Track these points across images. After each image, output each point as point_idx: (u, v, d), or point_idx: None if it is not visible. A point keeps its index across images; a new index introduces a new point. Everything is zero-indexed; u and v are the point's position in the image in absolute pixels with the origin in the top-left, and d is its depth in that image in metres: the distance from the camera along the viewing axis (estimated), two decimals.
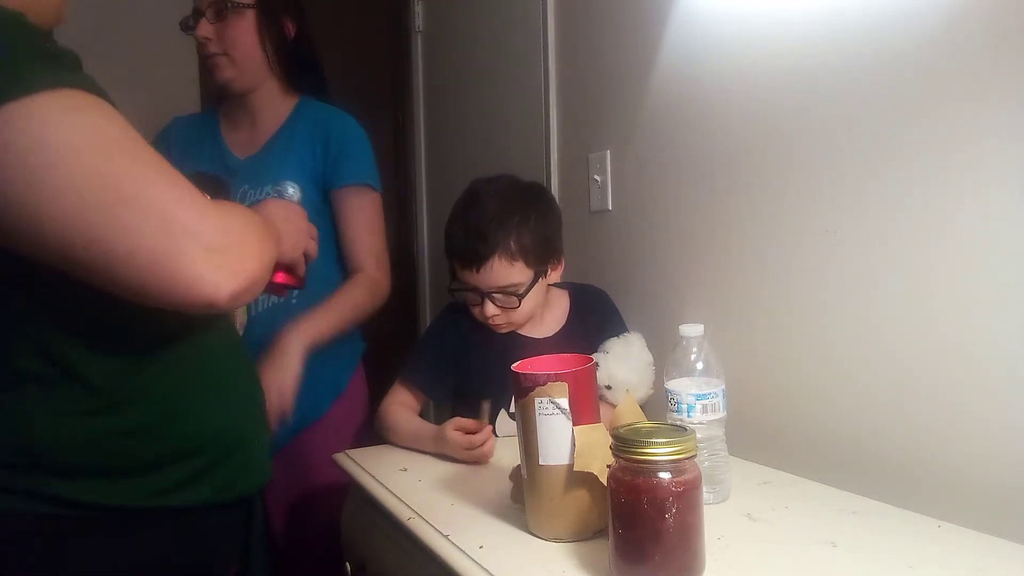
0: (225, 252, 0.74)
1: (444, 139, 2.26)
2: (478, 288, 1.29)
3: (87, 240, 0.70)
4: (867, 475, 1.02)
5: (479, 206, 1.29)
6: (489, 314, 1.29)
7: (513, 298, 1.28)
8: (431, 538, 0.92)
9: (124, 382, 0.82)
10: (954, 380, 0.93)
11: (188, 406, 0.86)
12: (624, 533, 0.75)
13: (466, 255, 1.28)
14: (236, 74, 1.44)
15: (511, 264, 1.27)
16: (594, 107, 1.56)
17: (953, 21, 0.91)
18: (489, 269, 1.26)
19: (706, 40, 1.26)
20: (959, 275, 0.92)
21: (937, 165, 0.93)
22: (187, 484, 0.85)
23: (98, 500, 0.80)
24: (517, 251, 1.27)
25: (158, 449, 0.84)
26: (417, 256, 2.39)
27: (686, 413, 0.99)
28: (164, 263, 0.71)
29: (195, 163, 1.45)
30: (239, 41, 1.41)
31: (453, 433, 1.20)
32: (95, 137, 0.71)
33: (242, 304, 0.81)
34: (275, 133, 1.49)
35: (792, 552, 0.84)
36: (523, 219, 1.29)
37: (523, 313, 1.31)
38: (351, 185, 1.48)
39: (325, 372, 1.47)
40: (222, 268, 0.74)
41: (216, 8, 1.39)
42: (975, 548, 0.82)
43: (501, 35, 1.90)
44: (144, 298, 0.74)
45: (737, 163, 1.21)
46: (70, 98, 0.71)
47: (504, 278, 1.27)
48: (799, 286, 1.12)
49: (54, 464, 0.79)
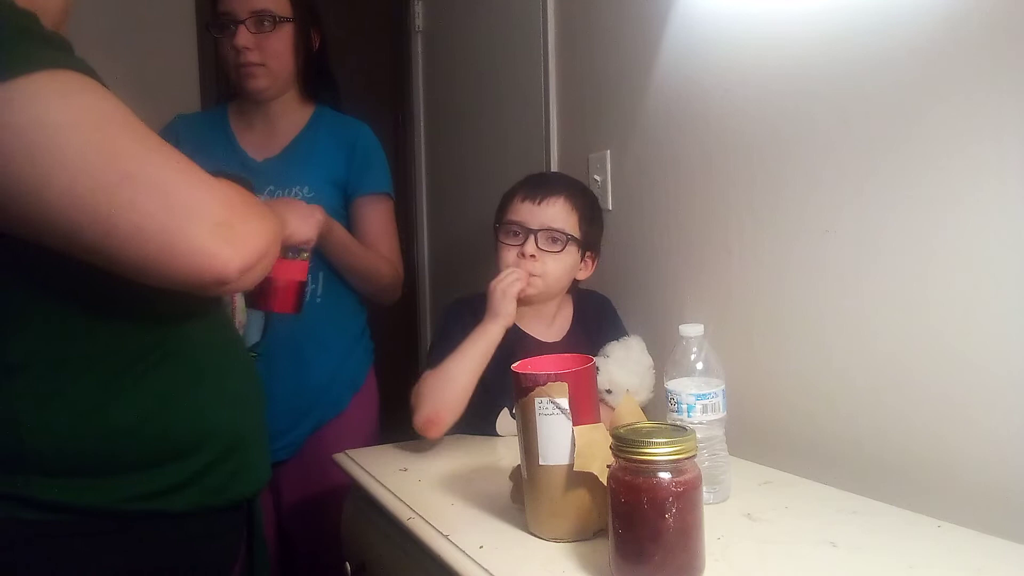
0: (230, 226, 0.73)
1: (444, 139, 2.26)
2: (527, 224, 1.30)
3: (91, 218, 0.69)
4: (867, 475, 1.02)
5: (556, 173, 1.41)
6: (528, 252, 1.29)
7: (558, 244, 1.30)
8: (431, 538, 0.92)
9: (110, 381, 0.80)
10: (954, 380, 0.93)
11: (177, 407, 0.84)
12: (624, 533, 0.75)
13: (535, 186, 1.33)
14: (270, 83, 1.47)
15: (570, 212, 1.31)
16: (594, 107, 1.56)
17: (953, 21, 0.91)
18: (551, 204, 1.30)
19: (706, 40, 1.26)
20: (959, 275, 0.92)
21: (937, 165, 0.93)
22: (177, 487, 0.83)
23: (80, 502, 0.78)
24: (577, 207, 1.33)
25: (144, 451, 0.81)
26: (417, 256, 2.39)
27: (686, 413, 0.99)
28: (170, 238, 0.70)
29: (209, 161, 1.46)
30: (279, 52, 1.45)
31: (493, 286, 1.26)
32: (95, 116, 0.71)
33: (252, 282, 0.79)
34: (296, 138, 1.52)
35: (792, 552, 0.84)
36: (589, 194, 1.41)
37: (553, 277, 1.31)
38: (372, 194, 1.54)
39: (343, 369, 1.54)
40: (229, 242, 0.73)
41: (258, 19, 1.42)
42: (975, 548, 0.82)
43: (501, 35, 1.90)
44: (151, 277, 0.72)
45: (737, 163, 1.21)
46: (67, 78, 0.70)
47: (560, 219, 1.30)
48: (799, 286, 1.12)
49: (38, 464, 0.77)
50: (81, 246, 0.71)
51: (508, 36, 1.86)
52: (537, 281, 1.30)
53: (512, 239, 1.32)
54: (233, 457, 0.89)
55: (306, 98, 1.56)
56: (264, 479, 0.97)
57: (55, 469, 0.78)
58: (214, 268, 0.72)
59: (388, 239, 1.57)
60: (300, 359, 1.48)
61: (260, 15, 1.42)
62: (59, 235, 0.70)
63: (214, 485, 0.87)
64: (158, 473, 0.82)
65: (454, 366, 1.25)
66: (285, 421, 1.47)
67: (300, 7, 1.47)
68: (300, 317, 1.43)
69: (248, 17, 1.41)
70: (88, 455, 0.79)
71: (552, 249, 1.29)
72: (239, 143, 1.52)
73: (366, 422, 1.59)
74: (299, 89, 1.54)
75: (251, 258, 0.75)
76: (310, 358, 1.49)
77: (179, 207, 0.71)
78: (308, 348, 1.48)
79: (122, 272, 0.72)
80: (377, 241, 1.54)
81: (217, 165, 1.46)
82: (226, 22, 1.42)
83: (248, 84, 1.46)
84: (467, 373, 1.24)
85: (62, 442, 0.78)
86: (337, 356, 1.53)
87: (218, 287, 0.74)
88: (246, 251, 0.74)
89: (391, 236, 1.58)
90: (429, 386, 1.25)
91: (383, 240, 1.56)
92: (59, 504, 0.77)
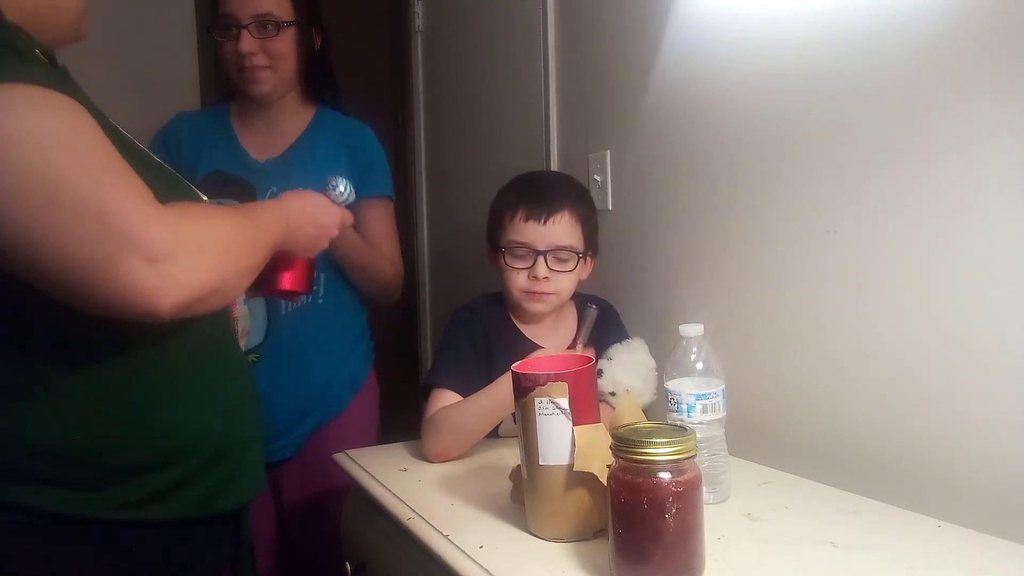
0: (171, 260, 0.71)
1: (444, 139, 2.26)
2: (534, 245, 1.26)
3: (14, 241, 0.67)
4: (867, 475, 1.02)
5: (545, 175, 1.34)
6: (541, 275, 1.26)
7: (568, 263, 1.27)
8: (431, 538, 0.92)
9: (88, 387, 0.78)
10: (954, 380, 0.93)
11: (158, 414, 0.82)
12: (624, 533, 0.75)
13: (537, 203, 1.27)
14: (275, 86, 1.47)
15: (574, 225, 1.28)
16: (594, 107, 1.56)
17: (953, 21, 0.91)
18: (557, 222, 1.26)
19: (706, 40, 1.26)
20: (959, 275, 0.92)
21: (937, 165, 0.93)
22: (157, 497, 0.81)
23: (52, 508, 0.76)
24: (580, 216, 1.29)
25: (122, 459, 0.80)
26: (417, 256, 2.39)
27: (686, 413, 0.99)
28: (96, 270, 0.68)
29: (211, 160, 1.49)
30: (282, 55, 1.45)
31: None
32: (38, 134, 0.68)
33: (195, 314, 0.76)
34: (298, 138, 1.53)
35: (792, 552, 0.84)
36: (585, 194, 1.37)
37: (565, 288, 1.29)
38: (374, 196, 1.55)
39: (343, 369, 1.55)
40: (165, 276, 0.70)
41: (261, 24, 1.42)
42: (975, 548, 0.82)
43: (501, 35, 1.90)
44: (79, 305, 0.71)
45: (737, 163, 1.21)
46: (26, 93, 0.68)
47: (567, 236, 1.27)
48: (799, 286, 1.12)
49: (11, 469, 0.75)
50: (10, 266, 0.69)
51: (508, 36, 1.86)
52: (552, 299, 1.30)
53: (519, 263, 1.29)
54: (217, 469, 0.87)
55: (308, 99, 1.56)
56: (252, 493, 0.94)
57: (27, 476, 0.76)
58: (140, 304, 0.70)
59: (390, 240, 1.59)
60: (301, 359, 1.48)
61: (263, 19, 1.41)
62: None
63: (196, 497, 0.85)
64: (136, 482, 0.80)
65: (471, 420, 1.21)
66: (285, 421, 1.47)
67: (302, 8, 1.47)
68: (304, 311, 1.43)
69: (251, 22, 1.41)
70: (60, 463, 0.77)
71: (563, 269, 1.28)
72: (241, 143, 1.52)
73: (366, 422, 1.59)
74: (301, 90, 1.54)
75: (189, 296, 0.72)
76: (311, 358, 1.49)
77: (113, 237, 0.68)
78: (309, 348, 1.48)
79: (54, 296, 0.71)
80: (379, 242, 1.55)
81: (212, 164, 1.48)
82: (228, 25, 1.42)
83: (252, 88, 1.46)
84: (483, 428, 1.23)
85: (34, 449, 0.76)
86: (338, 356, 1.54)
87: (149, 320, 0.72)
88: (186, 287, 0.72)
89: (392, 237, 1.60)
90: (445, 428, 1.22)
91: (385, 241, 1.57)
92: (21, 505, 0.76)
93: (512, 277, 1.29)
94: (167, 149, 1.50)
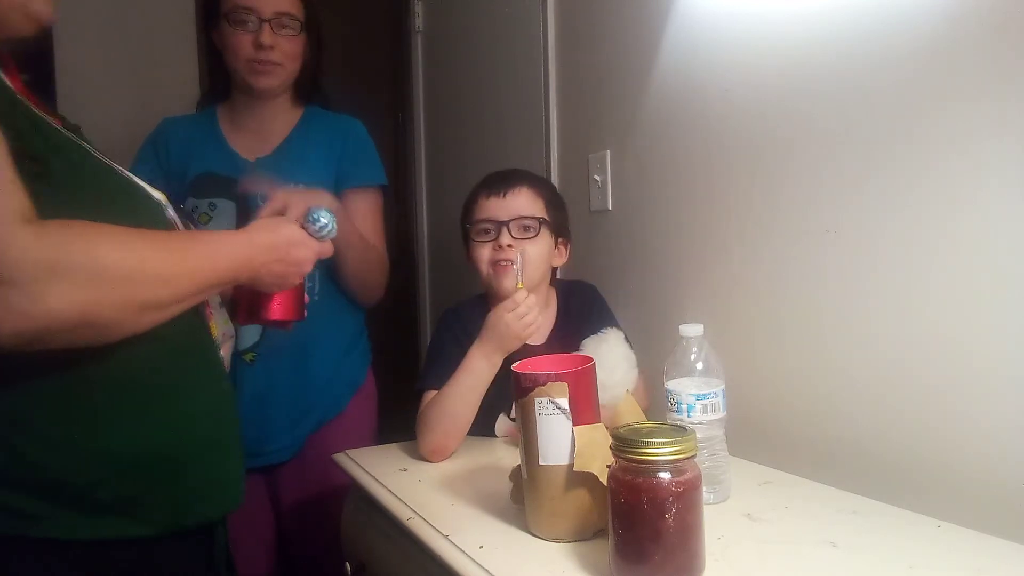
0: (20, 287, 0.66)
1: (444, 139, 2.26)
2: (497, 217, 1.31)
3: None
4: (867, 475, 1.02)
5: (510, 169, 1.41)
6: (504, 243, 1.29)
7: (531, 231, 1.31)
8: (431, 538, 0.92)
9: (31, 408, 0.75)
10: (954, 380, 0.93)
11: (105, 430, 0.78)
12: (624, 533, 0.75)
13: (496, 181, 1.35)
14: (280, 82, 1.50)
15: (535, 199, 1.34)
16: (594, 107, 1.56)
17: (953, 21, 0.91)
18: (517, 195, 1.32)
19: (706, 40, 1.26)
20: (959, 275, 0.92)
21: (937, 165, 0.93)
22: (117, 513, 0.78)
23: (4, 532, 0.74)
24: (541, 194, 1.35)
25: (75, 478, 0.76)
26: (417, 256, 2.39)
27: (686, 413, 0.99)
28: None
29: (200, 163, 1.49)
30: (293, 55, 1.49)
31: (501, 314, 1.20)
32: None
33: (41, 347, 0.70)
34: (288, 137, 1.54)
35: (792, 552, 0.84)
36: (548, 183, 1.47)
37: (533, 262, 1.29)
38: (363, 186, 1.56)
39: (342, 369, 1.55)
40: (10, 305, 0.66)
41: (280, 22, 1.45)
42: (975, 548, 0.82)
43: (501, 35, 1.90)
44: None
45: (737, 163, 1.21)
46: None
47: (528, 206, 1.32)
48: (799, 286, 1.12)
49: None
50: None
51: (508, 36, 1.86)
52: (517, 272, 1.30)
53: (484, 236, 1.33)
54: (183, 482, 0.83)
55: (297, 101, 1.58)
56: (225, 509, 0.91)
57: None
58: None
59: (376, 233, 1.58)
60: (299, 359, 1.48)
61: (283, 17, 1.45)
62: None
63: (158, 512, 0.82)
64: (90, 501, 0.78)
65: (456, 401, 1.23)
66: (284, 421, 1.47)
67: (313, 15, 1.51)
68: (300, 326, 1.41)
69: (273, 17, 1.44)
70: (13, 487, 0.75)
71: (526, 236, 1.31)
72: (230, 144, 1.52)
73: (366, 422, 1.59)
74: (293, 92, 1.56)
75: (34, 326, 0.67)
76: (309, 358, 1.49)
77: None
78: (306, 348, 1.48)
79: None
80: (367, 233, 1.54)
81: (202, 167, 1.48)
82: (246, 18, 1.44)
83: (260, 81, 1.47)
84: (469, 406, 1.24)
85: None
86: (336, 355, 1.54)
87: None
88: (29, 319, 0.67)
89: (379, 230, 1.60)
90: (433, 418, 1.24)
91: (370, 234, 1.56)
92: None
93: (479, 252, 1.34)
94: (156, 155, 1.51)
